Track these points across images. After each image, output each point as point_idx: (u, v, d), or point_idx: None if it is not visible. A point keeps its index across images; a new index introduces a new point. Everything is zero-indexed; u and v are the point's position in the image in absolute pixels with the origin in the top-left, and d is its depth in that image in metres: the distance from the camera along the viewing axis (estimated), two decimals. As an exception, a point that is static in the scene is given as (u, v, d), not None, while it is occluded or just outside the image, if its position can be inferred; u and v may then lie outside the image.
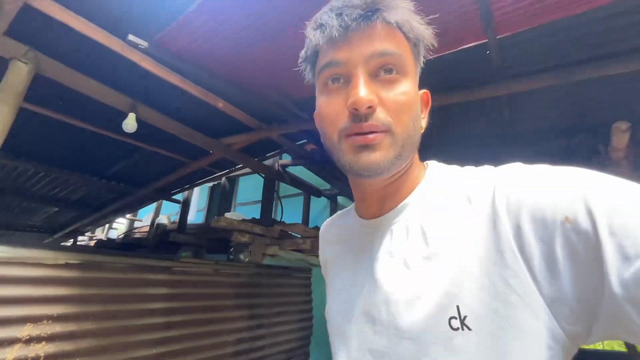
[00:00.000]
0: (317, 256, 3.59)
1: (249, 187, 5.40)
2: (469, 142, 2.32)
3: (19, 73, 1.47)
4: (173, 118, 2.23)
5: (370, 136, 0.42)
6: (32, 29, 1.50)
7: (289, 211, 3.93)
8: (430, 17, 0.48)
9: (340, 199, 4.55)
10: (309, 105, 2.06)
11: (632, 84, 1.46)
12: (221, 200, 3.52)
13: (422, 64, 0.49)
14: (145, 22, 1.48)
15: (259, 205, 5.41)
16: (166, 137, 2.37)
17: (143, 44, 1.39)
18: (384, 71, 0.43)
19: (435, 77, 1.64)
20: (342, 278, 0.57)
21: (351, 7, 0.42)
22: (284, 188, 3.65)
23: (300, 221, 3.74)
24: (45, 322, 1.36)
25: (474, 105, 1.81)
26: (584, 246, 0.33)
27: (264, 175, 3.19)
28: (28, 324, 1.31)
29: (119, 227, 6.78)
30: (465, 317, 0.38)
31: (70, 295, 1.45)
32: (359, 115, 0.42)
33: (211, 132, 2.47)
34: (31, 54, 1.53)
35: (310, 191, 3.77)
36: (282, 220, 3.26)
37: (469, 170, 0.48)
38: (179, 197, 4.02)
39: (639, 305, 0.29)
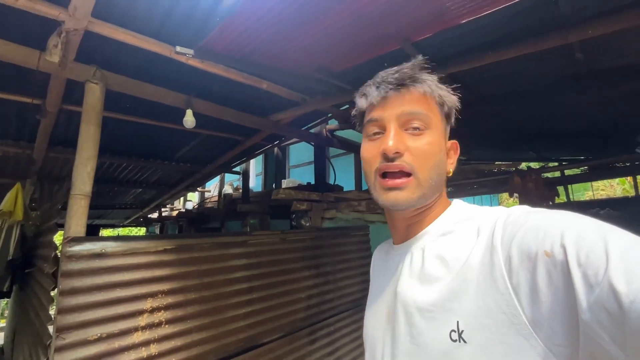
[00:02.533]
0: (374, 213, 3.72)
1: (300, 150, 5.56)
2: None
3: (94, 93, 1.67)
4: (224, 105, 2.35)
5: (398, 181, 0.54)
6: (94, 51, 1.65)
7: (341, 170, 4.01)
8: None
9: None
10: (351, 75, 2.01)
11: None
12: (277, 166, 3.74)
13: (452, 122, 0.62)
14: (185, 25, 1.54)
15: (311, 166, 5.63)
16: (222, 121, 2.54)
17: (189, 52, 1.47)
18: (412, 127, 0.55)
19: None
20: (375, 292, 0.69)
21: (387, 83, 0.57)
22: (334, 149, 3.71)
23: (352, 179, 3.83)
24: (160, 296, 1.71)
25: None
26: (559, 276, 0.38)
27: (313, 144, 3.27)
28: (149, 298, 1.67)
29: (193, 197, 7.61)
30: (462, 331, 0.45)
31: (174, 274, 1.78)
32: (388, 158, 0.54)
33: (260, 111, 2.57)
34: (99, 73, 1.71)
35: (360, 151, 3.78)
36: (335, 182, 3.38)
37: (485, 209, 0.56)
38: (238, 168, 4.34)
39: (604, 326, 0.33)
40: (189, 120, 1.98)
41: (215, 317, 1.94)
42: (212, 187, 6.65)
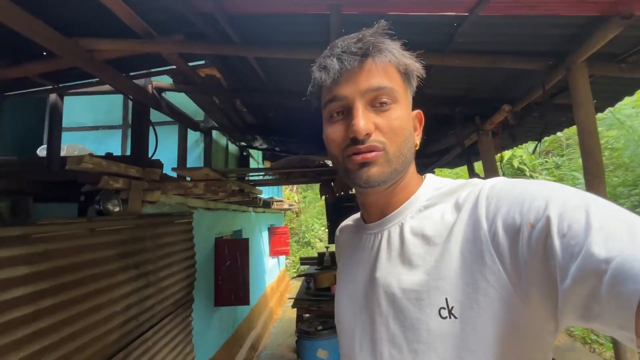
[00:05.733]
0: (197, 198, 3.22)
1: (82, 107, 3.95)
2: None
3: None
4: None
5: (369, 155, 0.51)
6: None
7: (160, 143, 3.21)
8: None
9: (215, 133, 4.06)
10: (246, 25, 1.64)
11: (514, 77, 1.97)
12: (51, 124, 2.38)
13: (414, 89, 0.58)
14: None
15: (96, 133, 4.11)
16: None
17: None
18: (379, 103, 0.51)
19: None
20: (347, 276, 0.64)
21: (348, 54, 0.51)
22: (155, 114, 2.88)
23: (175, 156, 3.15)
24: None
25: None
26: (541, 245, 0.39)
27: (131, 98, 2.40)
28: None
29: None
30: (452, 307, 0.45)
31: None
32: (358, 141, 0.50)
33: (65, 26, 1.59)
34: None
35: (189, 124, 3.16)
36: (154, 157, 2.63)
37: (460, 181, 0.55)
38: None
39: (583, 293, 0.35)
40: None
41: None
42: None
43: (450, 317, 0.45)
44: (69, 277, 1.52)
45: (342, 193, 4.19)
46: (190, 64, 2.27)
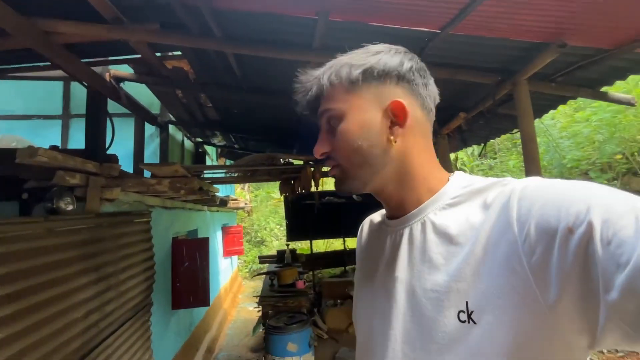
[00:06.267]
0: (154, 196, 3.04)
1: (3, 93, 3.44)
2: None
3: None
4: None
5: (330, 172, 0.58)
6: None
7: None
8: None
9: (171, 128, 3.84)
10: (232, 20, 1.63)
11: (469, 88, 2.23)
12: None
13: (390, 78, 0.55)
14: None
15: (28, 123, 3.61)
16: None
17: None
18: (329, 124, 0.56)
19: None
20: (367, 272, 0.63)
21: (303, 94, 0.58)
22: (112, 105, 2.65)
23: (130, 151, 2.93)
24: None
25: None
26: (582, 254, 0.35)
27: (86, 85, 2.20)
28: None
29: None
30: (472, 312, 0.43)
31: None
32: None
33: (23, 3, 1.42)
34: None
35: (146, 117, 2.96)
36: (109, 151, 2.44)
37: (491, 180, 0.51)
38: None
39: (629, 309, 0.32)
40: None
41: None
42: None
43: (468, 322, 0.43)
44: (27, 282, 1.37)
45: (304, 191, 4.26)
46: (158, 54, 2.16)
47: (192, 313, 4.27)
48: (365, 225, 0.73)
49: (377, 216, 0.71)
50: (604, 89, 2.16)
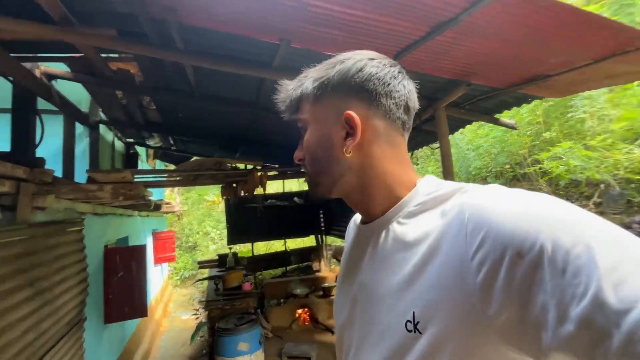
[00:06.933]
0: (85, 203, 2.81)
1: None
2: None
3: None
4: None
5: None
6: None
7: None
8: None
9: (101, 128, 3.53)
10: (195, 35, 1.69)
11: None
12: None
13: (351, 83, 0.55)
14: None
15: None
16: None
17: None
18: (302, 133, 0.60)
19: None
20: (344, 271, 0.66)
21: (283, 104, 0.61)
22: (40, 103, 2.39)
23: (57, 151, 2.66)
24: None
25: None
26: (529, 281, 0.35)
27: (11, 80, 2.00)
28: None
29: None
30: (418, 322, 0.44)
31: None
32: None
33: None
34: None
35: (78, 116, 2.72)
36: (37, 153, 2.22)
37: (454, 187, 0.50)
38: None
39: (586, 343, 0.31)
40: None
41: None
42: None
43: (414, 332, 0.44)
44: (-37, 301, 1.26)
45: (247, 194, 4.32)
46: (103, 55, 2.07)
47: (124, 327, 3.97)
48: (351, 224, 0.73)
49: (358, 216, 0.71)
50: (497, 115, 2.79)
